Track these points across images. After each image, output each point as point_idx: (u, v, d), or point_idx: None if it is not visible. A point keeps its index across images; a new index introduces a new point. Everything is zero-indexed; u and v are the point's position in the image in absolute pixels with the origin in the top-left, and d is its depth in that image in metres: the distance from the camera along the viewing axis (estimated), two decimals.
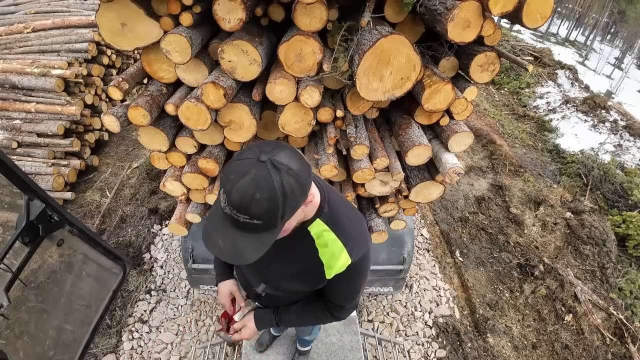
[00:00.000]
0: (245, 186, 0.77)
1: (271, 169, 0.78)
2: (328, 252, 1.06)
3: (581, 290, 3.60)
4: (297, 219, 0.94)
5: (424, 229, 4.13)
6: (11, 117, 4.14)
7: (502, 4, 1.35)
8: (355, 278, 1.14)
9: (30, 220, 1.93)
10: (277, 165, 0.79)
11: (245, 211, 0.77)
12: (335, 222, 1.06)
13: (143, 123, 1.69)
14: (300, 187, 0.82)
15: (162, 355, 2.87)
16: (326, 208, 1.06)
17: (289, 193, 0.79)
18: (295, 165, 0.81)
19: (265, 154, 0.80)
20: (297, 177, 0.80)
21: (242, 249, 0.85)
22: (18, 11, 5.52)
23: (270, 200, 0.77)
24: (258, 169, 0.78)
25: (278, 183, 0.77)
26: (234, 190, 0.78)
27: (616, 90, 8.06)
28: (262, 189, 0.77)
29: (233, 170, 0.80)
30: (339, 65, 1.53)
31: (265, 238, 0.85)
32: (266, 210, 0.78)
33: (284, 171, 0.79)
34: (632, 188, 4.71)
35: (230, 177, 0.80)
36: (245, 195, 0.77)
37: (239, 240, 0.84)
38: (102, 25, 1.54)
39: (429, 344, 3.11)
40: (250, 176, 0.77)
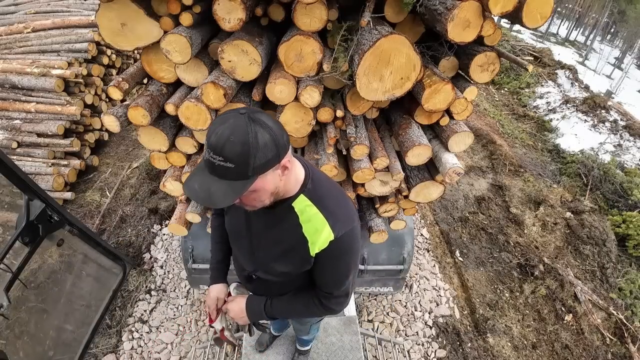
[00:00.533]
0: (222, 130, 0.85)
1: (247, 120, 0.85)
2: (311, 227, 1.07)
3: (581, 290, 3.60)
4: (273, 183, 0.96)
5: (424, 229, 4.13)
6: (11, 117, 4.14)
7: (502, 4, 1.35)
8: (340, 257, 1.12)
9: (30, 220, 1.93)
10: (253, 118, 0.86)
11: (219, 152, 0.84)
12: (317, 197, 1.08)
13: (143, 123, 1.69)
14: (274, 143, 0.88)
15: (162, 355, 2.87)
16: (310, 184, 1.08)
17: (262, 145, 0.85)
18: (271, 124, 0.89)
19: (245, 110, 0.89)
20: (271, 133, 0.87)
21: (214, 193, 0.89)
22: (18, 11, 5.52)
23: (243, 146, 0.83)
24: (236, 118, 0.86)
25: (252, 133, 0.84)
26: (213, 134, 0.86)
27: (616, 90, 8.06)
28: (236, 133, 0.84)
29: (215, 121, 0.89)
30: (339, 65, 1.53)
31: (236, 186, 0.89)
32: (239, 154, 0.84)
33: (259, 124, 0.86)
34: (632, 188, 4.71)
35: (212, 125, 0.89)
36: (221, 138, 0.84)
37: (212, 184, 0.89)
38: (102, 25, 1.54)
39: (429, 344, 3.11)
40: (228, 123, 0.85)
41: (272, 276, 1.27)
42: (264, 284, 1.33)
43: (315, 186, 1.09)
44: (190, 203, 2.29)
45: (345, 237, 1.08)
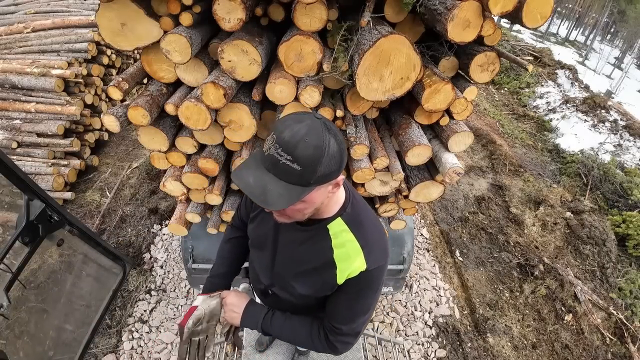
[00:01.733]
0: (299, 128, 0.81)
1: (324, 127, 0.83)
2: (344, 253, 1.01)
3: (581, 290, 3.60)
4: (322, 198, 0.92)
5: (424, 229, 4.13)
6: (11, 117, 4.13)
7: (502, 3, 1.35)
8: (364, 291, 1.05)
9: (30, 220, 1.93)
10: (328, 126, 0.84)
11: (291, 150, 0.79)
12: (356, 224, 1.03)
13: (143, 123, 1.69)
14: (340, 156, 0.86)
15: (162, 355, 2.87)
16: (349, 208, 1.03)
17: (331, 154, 0.83)
18: (340, 137, 0.87)
19: (320, 115, 0.87)
20: (340, 146, 0.85)
21: (269, 192, 0.84)
22: (18, 11, 5.51)
23: (315, 149, 0.80)
24: (313, 120, 0.83)
25: (327, 139, 0.82)
26: (287, 130, 0.81)
27: (616, 90, 8.06)
28: (312, 135, 0.80)
29: (289, 118, 0.86)
30: (339, 65, 1.53)
31: (294, 191, 0.84)
32: (309, 157, 0.80)
33: (332, 134, 0.84)
34: (632, 188, 4.71)
35: (285, 122, 0.84)
36: (296, 135, 0.80)
37: (269, 182, 0.84)
38: (102, 25, 1.54)
39: (428, 343, 3.11)
40: (305, 123, 0.82)
41: (288, 295, 1.19)
42: (279, 302, 1.25)
43: (355, 211, 1.05)
44: (190, 203, 2.29)
45: (375, 272, 1.03)
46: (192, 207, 2.25)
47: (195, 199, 2.20)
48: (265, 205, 0.86)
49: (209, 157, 1.89)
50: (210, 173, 1.95)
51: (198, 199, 2.18)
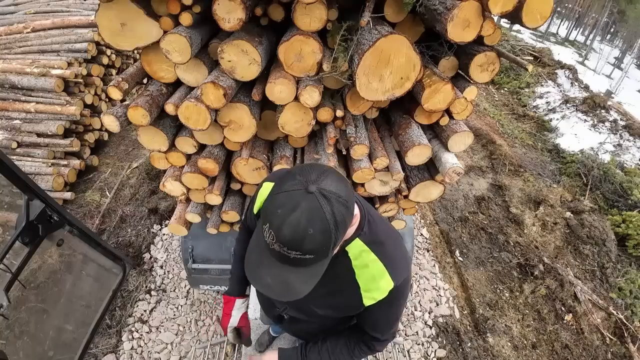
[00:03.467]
0: (297, 221, 0.72)
1: (322, 200, 0.73)
2: (367, 274, 0.98)
3: (581, 290, 3.60)
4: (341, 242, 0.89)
5: (423, 229, 4.13)
6: (11, 117, 4.13)
7: (502, 3, 1.35)
8: (395, 304, 1.06)
9: (30, 221, 1.93)
10: (326, 195, 0.74)
11: (297, 248, 0.73)
12: (376, 242, 0.99)
13: (143, 123, 1.69)
14: (349, 212, 0.79)
15: (162, 355, 2.87)
16: (366, 227, 0.99)
17: (340, 222, 0.75)
18: (343, 191, 0.78)
19: (312, 184, 0.75)
20: (345, 203, 0.77)
21: (292, 284, 0.80)
22: (17, 11, 5.51)
23: (323, 234, 0.73)
24: (308, 201, 0.73)
25: (330, 214, 0.73)
26: (284, 226, 0.72)
27: (616, 90, 8.06)
28: (315, 223, 0.72)
29: (280, 204, 0.75)
30: (339, 65, 1.53)
31: (317, 269, 0.81)
32: (320, 244, 0.74)
33: (334, 200, 0.75)
34: (631, 188, 4.71)
35: (277, 212, 0.74)
36: (298, 231, 0.72)
37: (289, 275, 0.79)
38: (102, 25, 1.54)
39: (428, 343, 3.11)
40: (301, 210, 0.72)
41: (306, 316, 1.19)
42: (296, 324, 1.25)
43: (372, 229, 1.01)
44: (190, 203, 2.29)
45: (403, 284, 1.02)
46: (192, 207, 2.25)
47: (195, 199, 2.20)
48: (294, 297, 0.82)
49: (208, 157, 1.89)
50: (210, 173, 1.95)
51: (198, 199, 2.18)
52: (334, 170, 0.83)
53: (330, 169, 0.83)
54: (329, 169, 0.82)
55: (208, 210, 2.39)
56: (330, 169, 0.83)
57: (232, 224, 2.39)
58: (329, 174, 0.79)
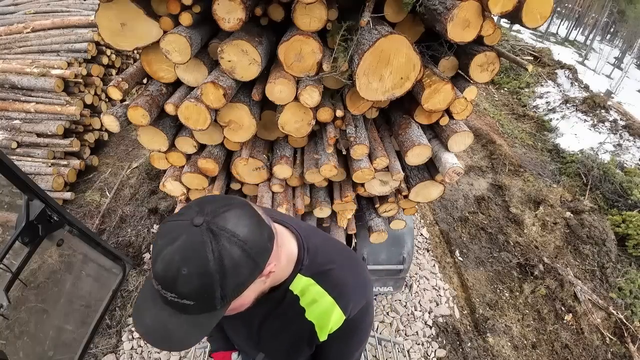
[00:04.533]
0: (171, 257, 0.62)
1: (207, 236, 0.62)
2: (317, 310, 0.89)
3: (581, 290, 3.60)
4: (255, 293, 0.77)
5: (423, 229, 4.13)
6: (11, 117, 4.13)
7: (502, 3, 1.35)
8: (351, 338, 0.95)
9: (30, 221, 1.93)
10: (215, 232, 0.62)
11: (171, 288, 0.62)
12: (321, 272, 0.90)
13: (142, 123, 1.69)
14: (249, 259, 0.65)
15: (162, 355, 2.87)
16: (306, 260, 0.89)
17: (230, 268, 0.63)
18: (244, 231, 0.65)
19: (203, 215, 0.64)
20: (244, 247, 0.64)
21: (172, 332, 0.67)
22: (17, 11, 5.51)
23: (201, 278, 0.61)
24: (190, 233, 0.62)
25: (214, 256, 0.61)
26: (158, 259, 0.63)
27: (616, 90, 8.06)
28: (190, 262, 0.61)
29: (162, 234, 0.65)
30: (339, 65, 1.53)
31: (204, 321, 0.67)
32: (197, 290, 0.62)
33: (225, 239, 0.63)
34: (631, 188, 4.72)
35: (157, 243, 0.64)
36: (170, 269, 0.61)
37: (170, 320, 0.66)
38: (102, 25, 1.54)
39: (428, 343, 3.11)
40: (179, 243, 0.62)
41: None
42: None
43: (314, 259, 0.91)
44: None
45: (358, 314, 0.93)
46: None
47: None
48: (173, 349, 0.71)
49: (208, 157, 1.89)
50: (210, 173, 1.95)
51: None
52: (245, 204, 0.71)
53: (241, 203, 0.70)
54: (239, 204, 0.70)
55: None
56: (242, 203, 0.70)
57: None
58: (234, 208, 0.67)
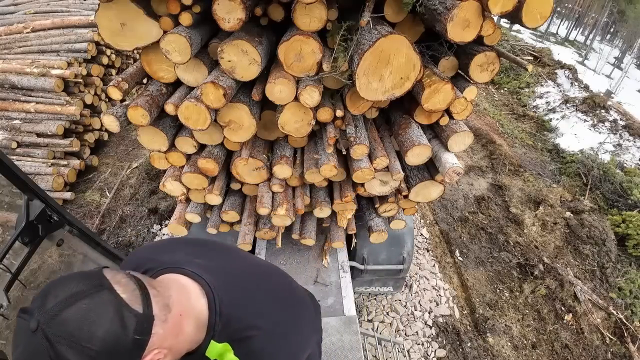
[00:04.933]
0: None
1: (43, 344, 0.55)
2: None
3: (581, 290, 3.60)
4: None
5: (423, 229, 4.13)
6: (11, 117, 4.13)
7: (502, 3, 1.35)
8: None
9: (30, 221, 1.93)
10: (51, 338, 0.55)
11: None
12: (238, 339, 0.79)
13: (142, 123, 1.69)
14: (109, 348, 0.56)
15: None
16: (218, 325, 0.77)
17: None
18: (90, 331, 0.56)
19: (41, 315, 0.56)
20: (90, 353, 0.56)
21: None
22: (17, 11, 5.51)
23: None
24: (28, 342, 0.56)
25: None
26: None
27: (616, 89, 8.06)
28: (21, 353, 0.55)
29: (14, 333, 0.60)
30: (339, 65, 1.53)
31: None
32: None
33: (65, 345, 0.55)
34: (631, 187, 4.72)
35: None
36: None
37: None
38: (102, 25, 1.54)
39: (428, 343, 3.11)
40: (20, 351, 0.57)
41: None
42: None
43: (228, 323, 0.78)
44: (190, 203, 2.29)
45: None
46: (191, 207, 2.25)
47: (195, 199, 2.20)
48: None
49: (208, 157, 1.89)
50: (210, 173, 1.95)
51: (198, 199, 2.18)
52: (101, 293, 0.60)
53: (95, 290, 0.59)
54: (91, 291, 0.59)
55: (208, 210, 2.39)
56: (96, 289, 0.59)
57: (232, 224, 2.39)
58: (80, 301, 0.57)
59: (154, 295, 0.65)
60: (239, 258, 1.00)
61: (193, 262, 0.83)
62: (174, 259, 0.82)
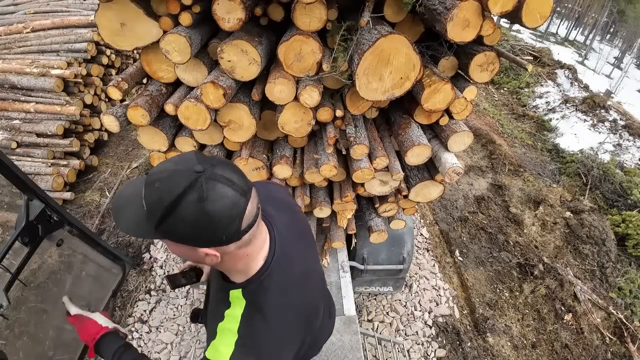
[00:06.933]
0: (166, 168, 0.73)
1: (195, 183, 0.69)
2: (221, 328, 0.85)
3: (581, 290, 3.60)
4: (194, 257, 0.80)
5: (423, 229, 4.13)
6: (10, 117, 4.13)
7: (502, 3, 1.35)
8: None
9: (30, 221, 1.93)
10: (205, 188, 0.69)
11: (145, 185, 0.73)
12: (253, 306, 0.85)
13: (142, 123, 1.69)
14: (196, 227, 0.70)
15: (162, 355, 2.87)
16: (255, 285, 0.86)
17: (181, 217, 0.69)
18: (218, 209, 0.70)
19: (203, 171, 0.70)
20: (203, 216, 0.69)
21: (125, 211, 0.77)
22: (17, 11, 5.51)
23: (160, 199, 0.69)
24: (190, 172, 0.70)
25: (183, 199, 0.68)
26: (162, 161, 0.78)
27: (615, 89, 8.06)
28: (167, 183, 0.70)
29: (188, 153, 0.77)
30: (339, 64, 1.53)
31: (140, 226, 0.74)
32: (152, 203, 0.71)
33: (204, 200, 0.68)
34: (631, 187, 4.72)
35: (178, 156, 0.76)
36: (156, 173, 0.73)
37: (133, 203, 0.75)
38: (102, 25, 1.54)
39: (428, 343, 3.11)
40: (179, 168, 0.72)
41: None
42: None
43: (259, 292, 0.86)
44: None
45: None
46: None
47: None
48: (115, 220, 0.80)
49: None
50: None
51: None
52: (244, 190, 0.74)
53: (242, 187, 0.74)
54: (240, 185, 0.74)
55: None
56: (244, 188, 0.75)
57: None
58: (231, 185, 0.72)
59: (254, 227, 0.78)
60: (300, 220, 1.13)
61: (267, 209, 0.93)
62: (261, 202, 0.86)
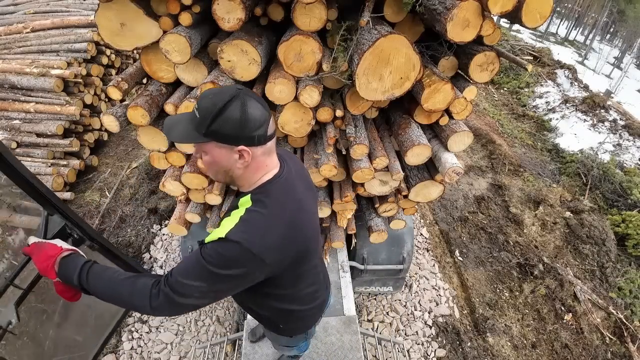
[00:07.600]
0: (214, 90, 0.99)
1: (236, 95, 0.94)
2: (228, 218, 1.00)
3: (581, 290, 3.60)
4: (227, 162, 1.00)
5: (423, 229, 4.13)
6: (10, 117, 4.13)
7: (502, 3, 1.35)
8: (206, 255, 0.94)
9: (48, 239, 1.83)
10: (244, 98, 0.95)
11: (199, 101, 0.97)
12: (257, 203, 1.02)
13: (142, 123, 1.69)
14: (239, 125, 0.94)
15: (161, 355, 2.87)
16: (262, 190, 1.05)
17: (227, 116, 0.93)
18: (252, 114, 0.95)
19: (243, 91, 0.97)
20: (242, 117, 0.93)
21: (176, 126, 1.01)
22: (17, 11, 5.51)
23: (213, 105, 0.93)
24: (234, 89, 0.96)
25: (228, 103, 0.93)
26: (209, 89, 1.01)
27: (615, 89, 8.07)
28: (218, 95, 0.95)
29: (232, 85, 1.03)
30: (339, 64, 1.53)
31: (192, 134, 0.97)
32: (205, 109, 0.94)
33: (240, 104, 0.93)
34: (631, 187, 4.72)
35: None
36: (207, 92, 0.98)
37: (182, 121, 1.00)
38: (102, 25, 1.54)
39: (428, 343, 3.11)
40: (227, 87, 0.98)
41: None
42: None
43: (263, 195, 1.03)
44: (189, 203, 2.29)
45: (228, 246, 0.93)
46: (191, 207, 2.25)
47: (194, 199, 2.20)
48: (167, 135, 1.03)
49: None
50: None
51: (197, 199, 2.18)
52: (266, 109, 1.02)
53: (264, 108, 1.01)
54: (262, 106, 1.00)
55: (208, 210, 2.39)
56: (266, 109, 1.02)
57: None
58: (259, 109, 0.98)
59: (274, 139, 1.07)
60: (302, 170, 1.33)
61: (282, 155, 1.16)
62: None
